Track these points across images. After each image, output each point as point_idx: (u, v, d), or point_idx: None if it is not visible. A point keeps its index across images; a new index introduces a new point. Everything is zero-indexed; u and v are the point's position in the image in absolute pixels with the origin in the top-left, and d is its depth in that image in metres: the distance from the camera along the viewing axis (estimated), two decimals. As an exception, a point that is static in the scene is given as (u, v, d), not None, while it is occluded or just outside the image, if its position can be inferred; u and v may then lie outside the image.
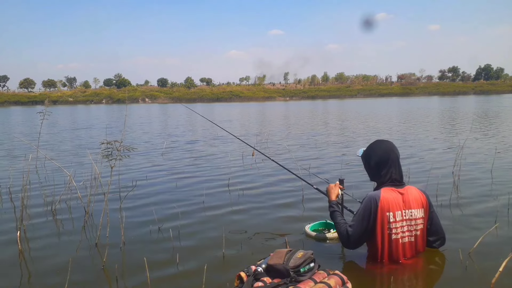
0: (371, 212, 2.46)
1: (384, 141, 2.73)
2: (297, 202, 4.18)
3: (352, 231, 2.53)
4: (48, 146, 9.92)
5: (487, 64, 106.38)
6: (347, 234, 2.56)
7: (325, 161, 6.97)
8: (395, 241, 2.46)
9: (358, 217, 2.53)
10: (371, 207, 2.46)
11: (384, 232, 2.45)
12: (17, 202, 4.15)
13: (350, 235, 2.54)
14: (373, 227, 2.47)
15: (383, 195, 2.46)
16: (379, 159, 2.60)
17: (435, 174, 5.17)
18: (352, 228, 2.54)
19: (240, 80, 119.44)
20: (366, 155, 2.72)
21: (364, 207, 2.51)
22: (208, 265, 2.45)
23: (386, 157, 2.59)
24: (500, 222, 3.35)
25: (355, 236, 2.53)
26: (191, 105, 45.72)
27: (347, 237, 2.56)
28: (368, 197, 2.52)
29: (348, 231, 2.55)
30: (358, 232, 2.52)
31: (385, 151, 2.61)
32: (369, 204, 2.48)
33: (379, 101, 50.94)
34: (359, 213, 2.54)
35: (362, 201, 2.57)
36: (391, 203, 2.45)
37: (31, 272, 2.74)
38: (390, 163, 2.57)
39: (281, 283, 1.99)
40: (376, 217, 2.45)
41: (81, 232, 3.48)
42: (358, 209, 2.57)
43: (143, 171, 6.24)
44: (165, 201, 4.43)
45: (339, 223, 2.67)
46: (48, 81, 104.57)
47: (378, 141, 2.74)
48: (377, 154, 2.63)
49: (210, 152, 8.40)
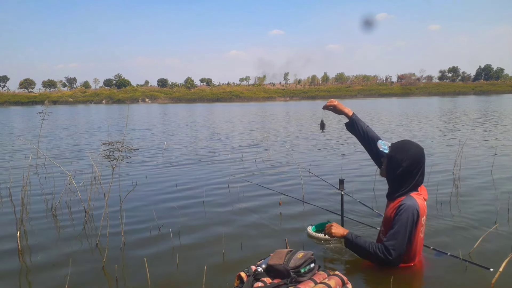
0: (414, 224, 2.36)
1: (418, 146, 2.50)
2: (298, 202, 4.18)
3: (396, 250, 2.35)
4: (48, 146, 9.91)
5: (487, 64, 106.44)
6: (390, 253, 2.35)
7: (326, 161, 6.97)
8: (421, 240, 2.49)
9: (403, 234, 2.33)
10: (414, 220, 2.35)
11: (419, 235, 2.44)
12: (17, 202, 4.15)
13: (395, 256, 2.35)
14: (414, 235, 2.40)
15: (419, 203, 2.37)
16: (410, 165, 2.41)
17: (435, 174, 5.17)
18: (395, 249, 2.35)
19: (240, 81, 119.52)
20: (398, 157, 2.44)
21: (408, 222, 2.33)
22: (208, 265, 2.45)
23: (417, 165, 2.42)
24: (500, 222, 3.35)
25: (400, 253, 2.37)
26: (191, 105, 45.70)
27: (391, 256, 2.36)
28: (409, 210, 2.34)
29: (391, 251, 2.35)
30: (401, 249, 2.37)
31: (419, 159, 2.43)
32: (412, 217, 2.34)
33: (379, 101, 50.92)
34: (403, 229, 2.34)
35: (398, 213, 2.36)
36: (424, 209, 2.43)
37: (31, 272, 2.74)
38: (418, 172, 2.43)
39: (281, 283, 1.99)
40: (417, 226, 2.39)
41: (81, 232, 3.48)
42: (398, 227, 2.35)
43: (143, 171, 6.24)
44: (165, 201, 4.43)
45: (370, 246, 2.46)
46: (48, 81, 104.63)
47: (412, 144, 2.50)
48: (409, 159, 2.41)
49: (210, 152, 8.40)
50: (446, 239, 3.04)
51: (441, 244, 2.84)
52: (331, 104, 2.91)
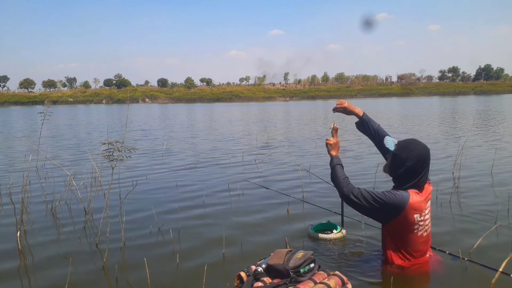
0: (391, 210, 2.34)
1: (425, 146, 2.47)
2: (298, 202, 4.18)
3: (360, 199, 2.38)
4: (49, 146, 9.91)
5: (487, 64, 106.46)
6: (355, 194, 2.40)
7: (326, 161, 6.96)
8: (421, 239, 2.44)
9: (376, 200, 2.35)
10: (394, 207, 2.33)
11: (412, 233, 2.40)
12: (17, 202, 4.15)
13: (356, 197, 2.39)
14: (401, 230, 2.39)
15: (412, 200, 2.34)
16: (415, 163, 2.38)
17: (435, 174, 5.17)
18: (361, 197, 2.38)
19: (240, 80, 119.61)
20: (403, 155, 2.41)
21: (388, 202, 2.34)
22: (208, 265, 2.45)
23: (421, 164, 2.39)
24: (500, 222, 3.35)
25: (358, 203, 2.39)
26: (191, 105, 45.66)
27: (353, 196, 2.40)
28: (399, 196, 2.34)
29: (357, 194, 2.39)
30: (363, 205, 2.38)
31: (424, 159, 2.40)
32: (394, 200, 2.33)
33: (379, 101, 50.93)
34: (380, 198, 2.35)
35: (390, 193, 2.38)
36: (417, 207, 2.37)
37: (31, 272, 2.74)
38: (422, 171, 2.40)
39: (281, 283, 1.99)
40: (399, 213, 2.34)
41: (81, 232, 3.48)
42: (382, 195, 2.37)
43: (143, 171, 6.24)
44: (165, 201, 4.43)
45: (345, 179, 2.49)
46: (48, 81, 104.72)
47: (419, 144, 2.47)
48: (414, 158, 2.38)
49: (211, 152, 8.40)
50: (446, 239, 3.04)
51: (441, 244, 2.84)
52: (341, 106, 2.88)
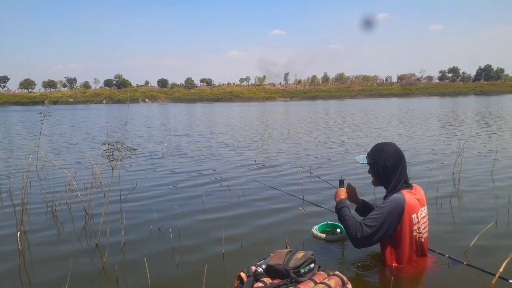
0: (395, 216, 2.39)
1: (390, 143, 2.64)
2: (298, 202, 4.18)
3: (369, 232, 2.41)
4: (49, 147, 9.91)
5: (487, 65, 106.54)
6: (361, 231, 2.42)
7: (326, 161, 6.96)
8: (419, 240, 2.50)
9: (379, 219, 2.40)
10: (396, 212, 2.38)
11: (412, 234, 2.45)
12: (17, 202, 4.15)
13: (365, 235, 2.41)
14: (400, 230, 2.42)
15: (408, 198, 2.41)
16: (394, 161, 2.51)
17: (435, 174, 5.17)
18: (369, 229, 2.41)
19: (240, 81, 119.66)
20: (380, 160, 2.56)
21: (388, 211, 2.39)
22: (208, 265, 2.45)
23: (400, 159, 2.53)
24: (500, 222, 3.35)
25: (371, 237, 2.42)
26: (191, 105, 45.68)
27: (361, 234, 2.43)
28: (393, 201, 2.41)
29: (364, 229, 2.42)
30: (374, 233, 2.41)
31: (398, 153, 2.55)
32: (394, 209, 2.39)
33: (379, 102, 50.91)
34: (381, 215, 2.40)
35: (383, 204, 2.45)
36: (413, 206, 2.43)
37: (31, 272, 2.74)
38: (403, 164, 2.53)
39: (281, 283, 1.99)
40: (401, 221, 2.40)
41: (82, 233, 3.48)
42: (379, 211, 2.43)
43: (144, 171, 6.24)
44: (165, 201, 4.43)
45: (350, 219, 2.54)
46: (48, 82, 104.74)
47: (385, 144, 2.64)
48: (391, 156, 2.53)
49: (211, 152, 8.40)
50: (446, 239, 3.04)
51: (441, 244, 2.84)
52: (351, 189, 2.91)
